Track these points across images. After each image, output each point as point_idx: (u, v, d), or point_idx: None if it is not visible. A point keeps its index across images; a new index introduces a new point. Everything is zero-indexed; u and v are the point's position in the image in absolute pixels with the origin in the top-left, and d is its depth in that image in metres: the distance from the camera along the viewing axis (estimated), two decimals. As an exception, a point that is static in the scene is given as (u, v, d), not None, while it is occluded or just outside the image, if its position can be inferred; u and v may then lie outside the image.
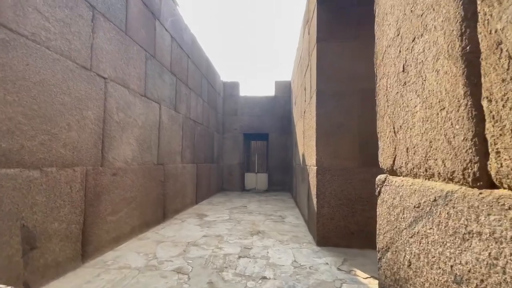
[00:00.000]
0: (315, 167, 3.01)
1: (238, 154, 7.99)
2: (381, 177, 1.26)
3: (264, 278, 2.09)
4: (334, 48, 3.04)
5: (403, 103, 0.99)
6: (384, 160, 1.24)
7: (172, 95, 4.22)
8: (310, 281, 2.04)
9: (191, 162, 5.14)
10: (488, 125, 0.57)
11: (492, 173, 0.56)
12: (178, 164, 4.46)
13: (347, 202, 2.90)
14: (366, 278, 2.15)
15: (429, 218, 0.78)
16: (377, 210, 1.28)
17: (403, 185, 0.98)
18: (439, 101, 0.75)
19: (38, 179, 1.81)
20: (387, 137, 1.20)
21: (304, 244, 2.95)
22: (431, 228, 0.77)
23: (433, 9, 0.78)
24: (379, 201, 1.26)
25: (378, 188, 1.27)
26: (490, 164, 0.57)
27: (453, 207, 0.67)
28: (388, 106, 1.20)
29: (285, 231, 3.46)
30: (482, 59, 0.59)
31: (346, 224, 2.89)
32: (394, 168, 1.11)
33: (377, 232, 1.27)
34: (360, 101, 2.96)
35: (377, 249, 1.28)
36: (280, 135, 7.96)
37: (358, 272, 2.24)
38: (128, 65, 2.99)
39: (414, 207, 0.87)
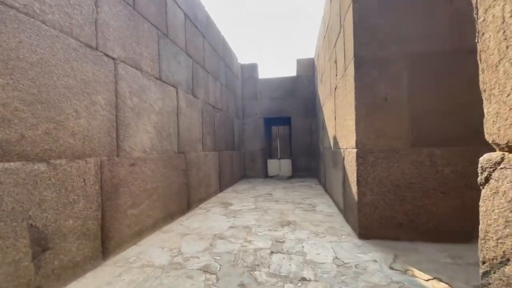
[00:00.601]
0: (354, 150, 2.60)
1: (260, 140, 7.67)
2: (490, 156, 0.86)
3: (304, 279, 1.79)
4: (374, 4, 2.51)
5: None
6: (497, 130, 0.83)
7: (189, 79, 3.93)
8: (360, 285, 1.71)
9: (212, 150, 4.91)
10: None
11: None
12: (199, 152, 4.24)
13: (393, 188, 2.48)
14: (428, 280, 1.77)
15: None
16: (482, 204, 0.89)
17: None
18: None
19: (45, 173, 1.61)
20: (506, 95, 0.79)
21: (343, 236, 2.60)
22: None
23: None
24: (486, 192, 0.87)
25: (486, 173, 0.87)
26: None
27: None
28: (508, 46, 0.78)
29: (318, 221, 3.13)
30: None
31: (393, 214, 2.48)
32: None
33: (482, 235, 0.89)
34: (410, 68, 2.44)
35: (480, 259, 0.90)
36: (304, 118, 7.48)
37: (417, 273, 1.86)
38: (139, 44, 2.70)
39: None
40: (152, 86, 2.94)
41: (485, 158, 0.87)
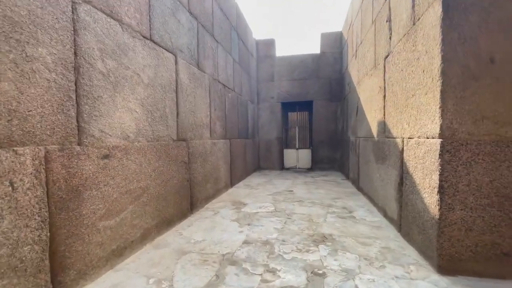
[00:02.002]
0: (436, 140, 1.70)
1: (276, 128, 6.80)
2: None
3: None
4: None
5: None
6: None
7: (192, 46, 3.07)
8: None
9: (222, 138, 4.11)
10: None
11: None
12: (206, 140, 3.44)
13: (499, 201, 1.59)
14: None
15: None
16: None
17: None
18: None
19: None
20: None
21: (412, 268, 1.75)
22: None
23: None
24: None
25: None
26: None
27: None
28: None
29: (364, 236, 2.29)
30: None
31: (496, 240, 1.61)
32: None
33: None
34: (547, 5, 1.48)
35: None
36: (328, 102, 6.50)
37: None
38: (115, -19, 1.86)
39: None
40: (139, 47, 2.12)
41: None
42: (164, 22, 2.47)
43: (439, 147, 1.66)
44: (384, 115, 2.85)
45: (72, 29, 1.54)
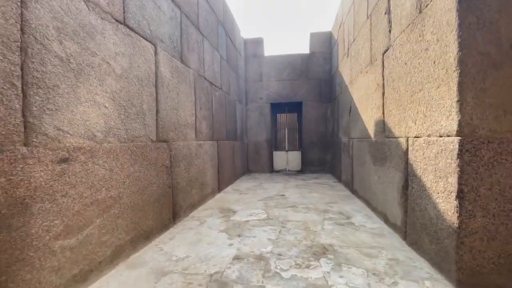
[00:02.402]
0: (452, 139, 1.51)
1: (266, 129, 6.56)
2: None
3: None
4: None
5: None
6: None
7: (175, 37, 2.77)
8: None
9: (209, 139, 3.80)
10: None
11: None
12: (191, 142, 3.13)
13: (523, 206, 1.41)
14: None
15: None
16: None
17: None
18: None
19: None
20: None
21: (427, 283, 1.54)
22: None
23: None
24: None
25: None
26: None
27: None
28: None
29: (367, 245, 2.07)
30: None
31: (520, 250, 1.43)
32: None
33: None
34: None
35: None
36: (318, 103, 6.35)
37: None
38: (78, -51, 1.55)
39: None
40: (110, 31, 1.80)
41: None
42: (141, 6, 2.16)
43: (457, 146, 1.46)
44: (383, 113, 2.67)
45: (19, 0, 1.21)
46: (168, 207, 2.53)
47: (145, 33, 2.22)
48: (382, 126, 2.69)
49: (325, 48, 6.32)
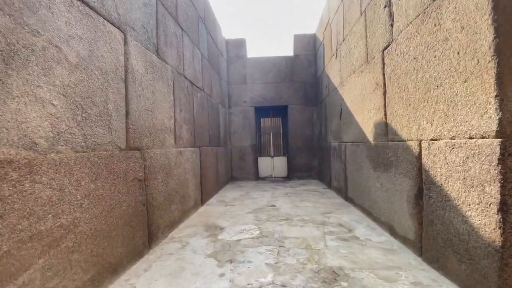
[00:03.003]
0: (493, 141, 1.27)
1: (250, 134, 6.23)
2: None
3: None
4: None
5: None
6: None
7: (150, 26, 2.37)
8: None
9: (191, 145, 3.38)
10: None
11: None
12: (170, 149, 2.70)
13: None
14: None
15: None
16: None
17: None
18: None
19: None
20: None
21: (467, 316, 1.27)
22: None
23: None
24: None
25: None
26: None
27: None
28: None
29: (381, 266, 1.79)
30: None
31: None
32: None
33: None
34: None
35: None
36: (303, 107, 6.16)
37: None
38: None
39: None
40: (61, 6, 1.38)
41: None
42: (106, -18, 1.75)
43: (498, 150, 1.23)
44: (384, 115, 2.46)
45: None
46: (142, 229, 2.08)
47: (111, 16, 1.80)
48: (384, 129, 2.47)
49: (309, 50, 6.18)
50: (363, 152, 3.02)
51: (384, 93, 2.45)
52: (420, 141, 1.88)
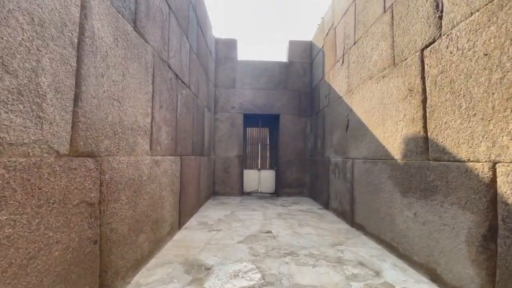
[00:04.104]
0: None
1: (237, 143, 5.58)
2: None
3: None
4: None
5: None
6: None
7: (127, -15, 1.70)
8: None
9: (171, 153, 2.66)
10: None
11: None
12: (143, 157, 1.98)
13: None
14: None
15: None
16: None
17: None
18: None
19: None
20: None
21: None
22: None
23: None
24: None
25: None
26: None
27: None
28: None
29: None
30: None
31: None
32: None
33: None
34: None
35: None
36: (296, 117, 5.68)
37: None
38: None
39: None
40: None
41: None
42: None
43: None
44: (424, 127, 1.98)
45: None
46: (91, 277, 1.32)
47: None
48: (422, 145, 1.99)
49: (305, 58, 5.80)
50: (384, 172, 2.53)
51: (424, 101, 1.99)
52: (495, 163, 1.39)
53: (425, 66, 1.98)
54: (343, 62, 3.76)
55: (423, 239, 1.94)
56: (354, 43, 3.35)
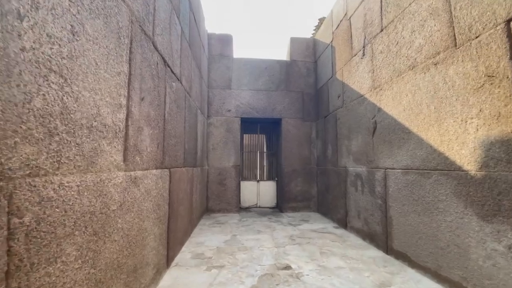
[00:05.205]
0: None
1: (234, 152, 4.87)
2: None
3: None
4: None
5: None
6: None
7: None
8: None
9: (157, 165, 1.92)
10: None
11: None
12: (110, 174, 1.24)
13: None
14: None
15: None
16: None
17: None
18: None
19: None
20: None
21: None
22: None
23: None
24: None
25: None
26: None
27: None
28: None
29: None
30: None
31: None
32: None
33: None
34: None
35: None
36: (300, 121, 5.07)
37: None
38: None
39: None
40: None
41: None
42: None
43: None
44: (525, 125, 1.39)
45: None
46: None
47: None
48: (525, 150, 1.39)
49: (308, 57, 5.26)
50: (443, 187, 1.92)
51: (524, 88, 1.40)
52: None
53: (524, 39, 1.41)
54: (363, 55, 3.20)
55: (537, 289, 1.31)
56: (382, 30, 2.80)
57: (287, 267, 2.26)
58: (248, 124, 5.60)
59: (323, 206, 4.57)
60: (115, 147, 1.28)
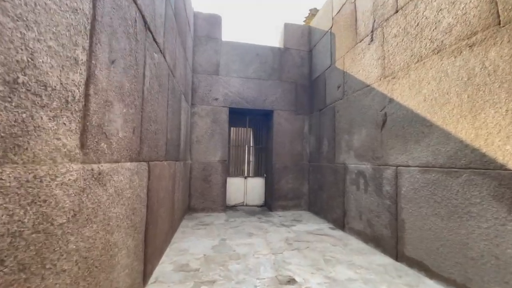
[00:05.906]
0: None
1: (222, 145, 4.42)
2: None
3: None
4: None
5: None
6: None
7: None
8: None
9: (131, 157, 1.44)
10: None
11: None
12: (54, 168, 0.77)
13: None
14: None
15: None
16: None
17: None
18: None
19: None
20: None
21: None
22: None
23: None
24: None
25: None
26: None
27: None
28: None
29: None
30: None
31: None
32: None
33: None
34: None
35: None
36: (293, 114, 4.73)
37: None
38: None
39: None
40: None
41: None
42: None
43: None
44: None
45: None
46: None
47: None
48: None
49: (302, 45, 4.91)
50: (477, 188, 1.66)
51: None
52: None
53: None
54: (371, 40, 2.91)
55: None
56: (397, 11, 2.50)
57: (291, 281, 1.90)
58: (236, 116, 5.16)
59: (315, 205, 4.29)
60: (64, 124, 0.81)
